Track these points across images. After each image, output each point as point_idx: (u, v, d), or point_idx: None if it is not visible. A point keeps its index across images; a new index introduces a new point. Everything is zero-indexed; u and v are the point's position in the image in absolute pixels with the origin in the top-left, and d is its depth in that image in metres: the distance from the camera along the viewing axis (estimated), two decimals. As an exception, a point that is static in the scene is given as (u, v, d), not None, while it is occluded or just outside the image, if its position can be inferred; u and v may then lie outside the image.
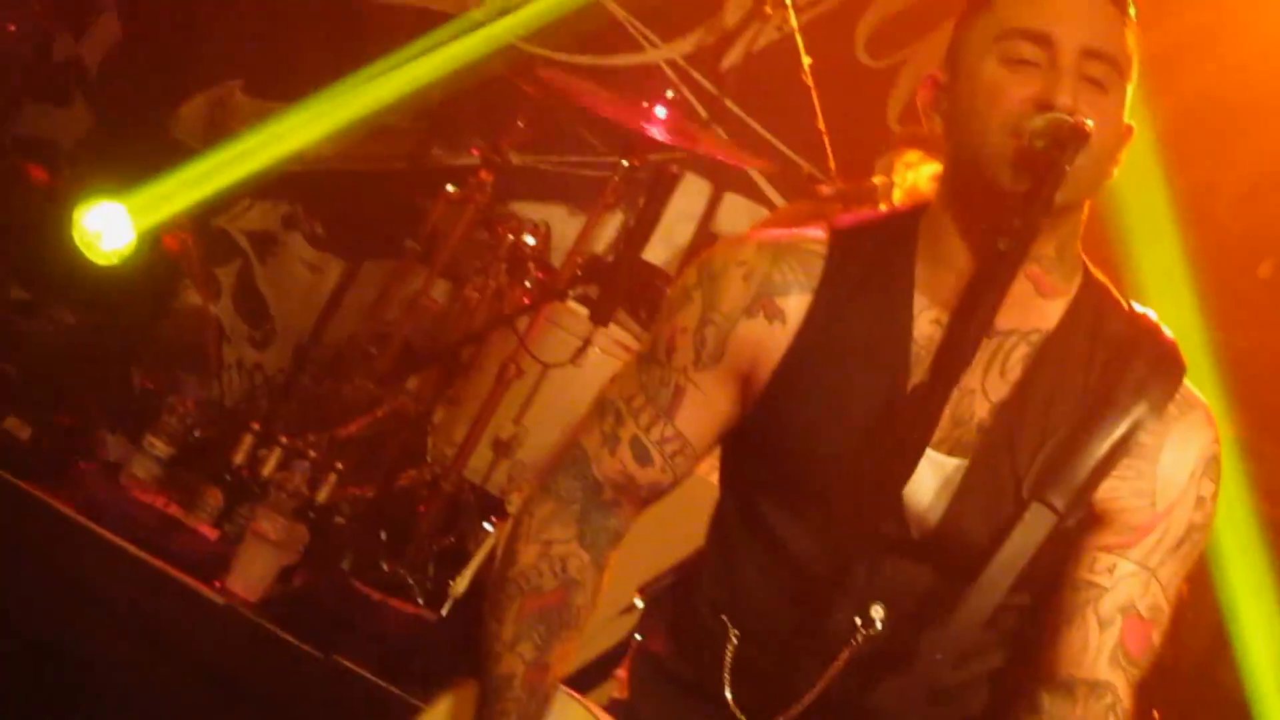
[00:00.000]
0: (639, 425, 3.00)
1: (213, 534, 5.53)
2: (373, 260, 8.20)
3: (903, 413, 2.76)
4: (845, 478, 2.81)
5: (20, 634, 5.10)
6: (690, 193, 8.18)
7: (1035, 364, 2.87)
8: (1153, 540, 2.88)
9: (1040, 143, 2.69)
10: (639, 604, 3.21)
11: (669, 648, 3.12)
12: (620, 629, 3.22)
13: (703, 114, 7.87)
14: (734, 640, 2.99)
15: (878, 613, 2.85)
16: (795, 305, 2.93)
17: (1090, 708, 2.85)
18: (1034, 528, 2.80)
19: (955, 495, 2.84)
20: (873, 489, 2.71)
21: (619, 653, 3.18)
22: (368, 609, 5.39)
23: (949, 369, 2.66)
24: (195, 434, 6.33)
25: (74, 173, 7.65)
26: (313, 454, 5.96)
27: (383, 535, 6.23)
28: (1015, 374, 2.87)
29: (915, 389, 2.78)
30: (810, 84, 7.44)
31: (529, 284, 6.88)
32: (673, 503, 3.13)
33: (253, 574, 5.26)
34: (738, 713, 2.97)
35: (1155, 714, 4.96)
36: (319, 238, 8.79)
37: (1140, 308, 2.98)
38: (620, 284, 6.23)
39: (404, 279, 7.60)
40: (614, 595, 3.09)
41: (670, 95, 6.71)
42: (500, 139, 7.26)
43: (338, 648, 5.03)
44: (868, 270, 2.93)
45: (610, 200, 6.82)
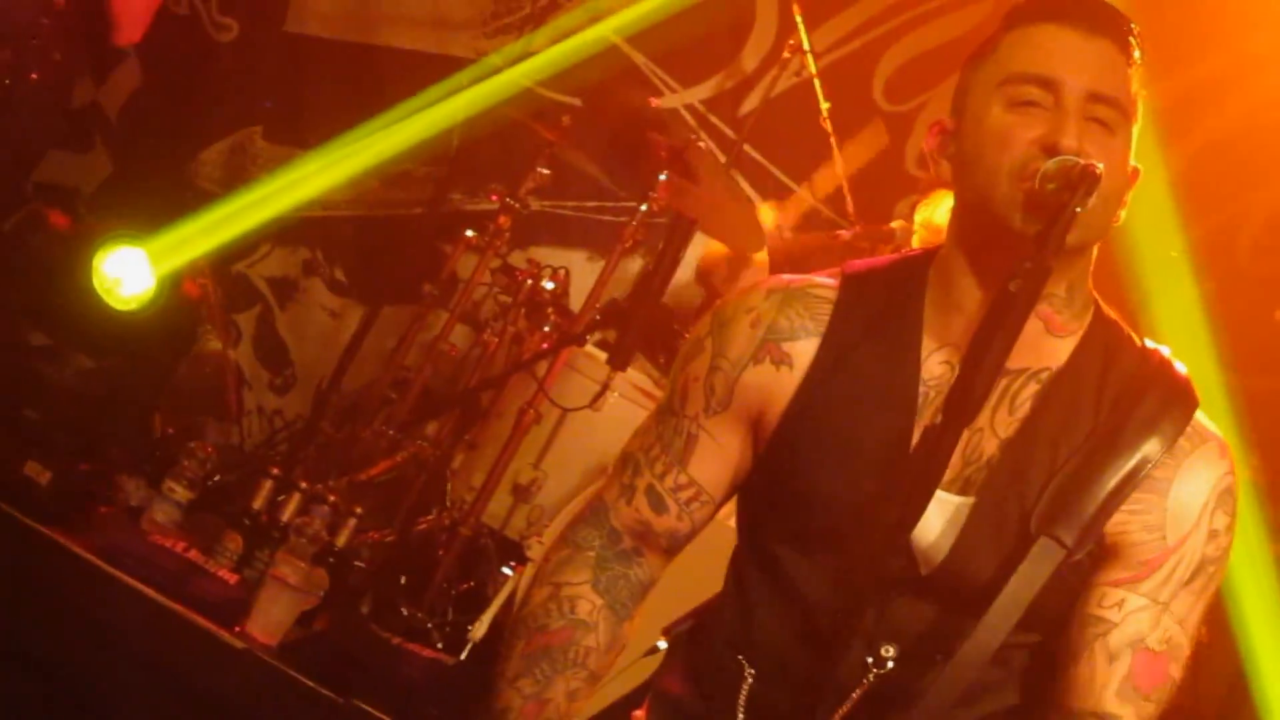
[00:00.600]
0: (654, 474, 3.04)
1: (232, 578, 5.52)
2: (392, 306, 8.21)
3: (913, 455, 2.77)
4: (854, 520, 2.83)
5: (41, 678, 5.09)
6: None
7: (1044, 401, 2.88)
8: (1163, 574, 2.88)
9: (1051, 185, 2.71)
10: (662, 646, 3.22)
11: (685, 687, 3.12)
12: (646, 670, 3.23)
13: (721, 158, 7.90)
14: (749, 679, 2.99)
15: (889, 652, 2.86)
16: (802, 350, 2.95)
17: None
18: (1041, 562, 2.80)
19: (962, 532, 2.85)
20: (882, 531, 2.70)
21: (642, 694, 3.19)
22: (387, 653, 5.38)
23: (961, 410, 2.66)
24: (215, 479, 6.34)
25: (94, 218, 7.67)
26: (332, 499, 5.96)
27: (402, 580, 6.23)
28: (1024, 411, 2.89)
29: (926, 431, 2.78)
30: (829, 128, 7.48)
31: (547, 329, 6.89)
32: (696, 547, 3.15)
33: (272, 618, 5.25)
34: (752, 750, 2.99)
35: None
36: (339, 283, 8.83)
37: (1152, 344, 2.99)
38: (638, 328, 6.23)
39: (423, 324, 7.62)
40: (639, 639, 3.10)
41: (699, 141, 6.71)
42: (519, 184, 7.28)
43: (357, 692, 5.02)
44: (877, 314, 2.95)
45: (629, 245, 6.83)
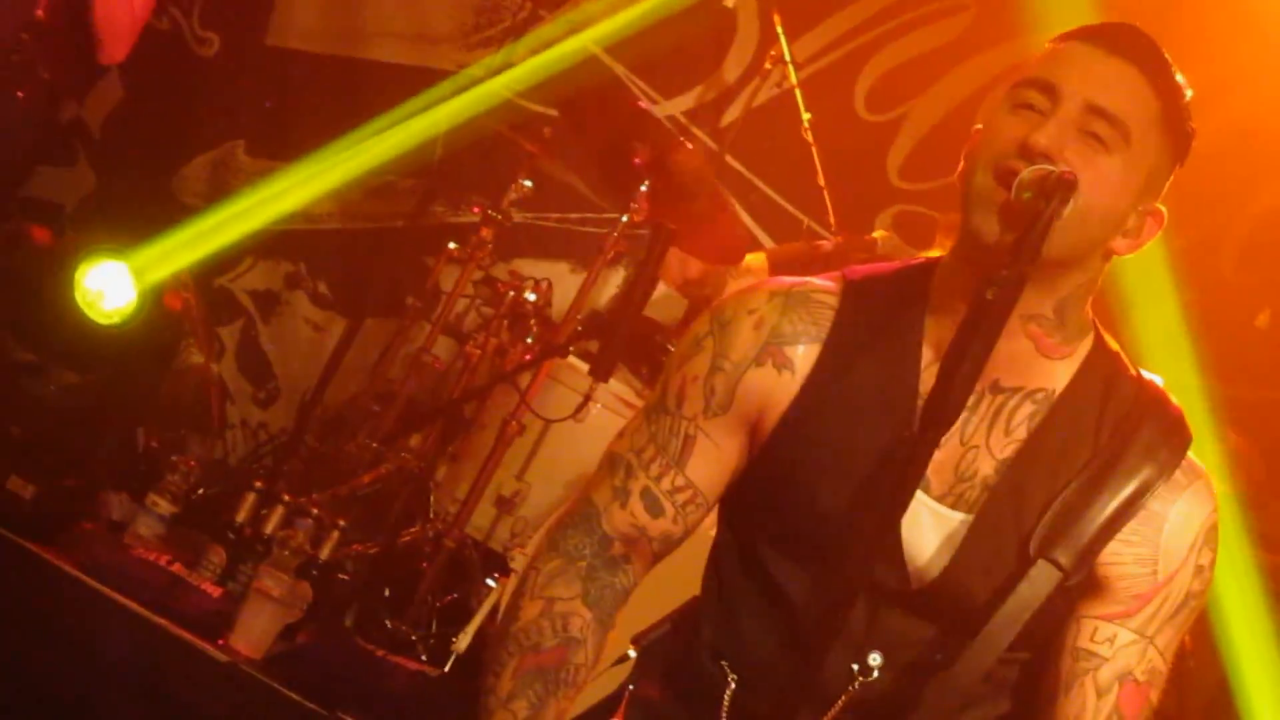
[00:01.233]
0: (649, 476, 3.01)
1: (216, 592, 5.51)
2: (375, 318, 8.21)
3: (893, 462, 2.75)
4: (845, 527, 2.82)
5: (24, 693, 5.08)
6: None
7: (1044, 424, 2.89)
8: (1152, 609, 2.89)
9: (1027, 194, 2.70)
10: (632, 654, 3.20)
11: (664, 694, 3.12)
12: (613, 680, 3.21)
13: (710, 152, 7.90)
14: (732, 685, 2.99)
15: (875, 660, 2.86)
16: (804, 355, 2.94)
17: None
18: (1038, 585, 2.81)
19: (958, 550, 2.86)
20: (866, 538, 2.70)
21: (612, 704, 3.17)
22: (371, 666, 5.37)
23: (937, 416, 2.63)
24: (198, 492, 6.33)
25: (76, 233, 7.66)
26: (316, 511, 5.95)
27: (386, 592, 6.22)
28: (1021, 432, 2.89)
29: (905, 438, 2.77)
30: (810, 139, 7.48)
31: (530, 340, 6.89)
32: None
33: (256, 631, 5.24)
34: (734, 757, 2.98)
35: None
36: (322, 296, 8.82)
37: (1148, 375, 2.99)
38: (620, 339, 6.22)
39: (406, 336, 7.62)
40: (609, 647, 3.08)
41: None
42: (501, 196, 7.27)
43: (341, 705, 5.01)
44: (878, 322, 2.94)
45: (611, 256, 6.82)
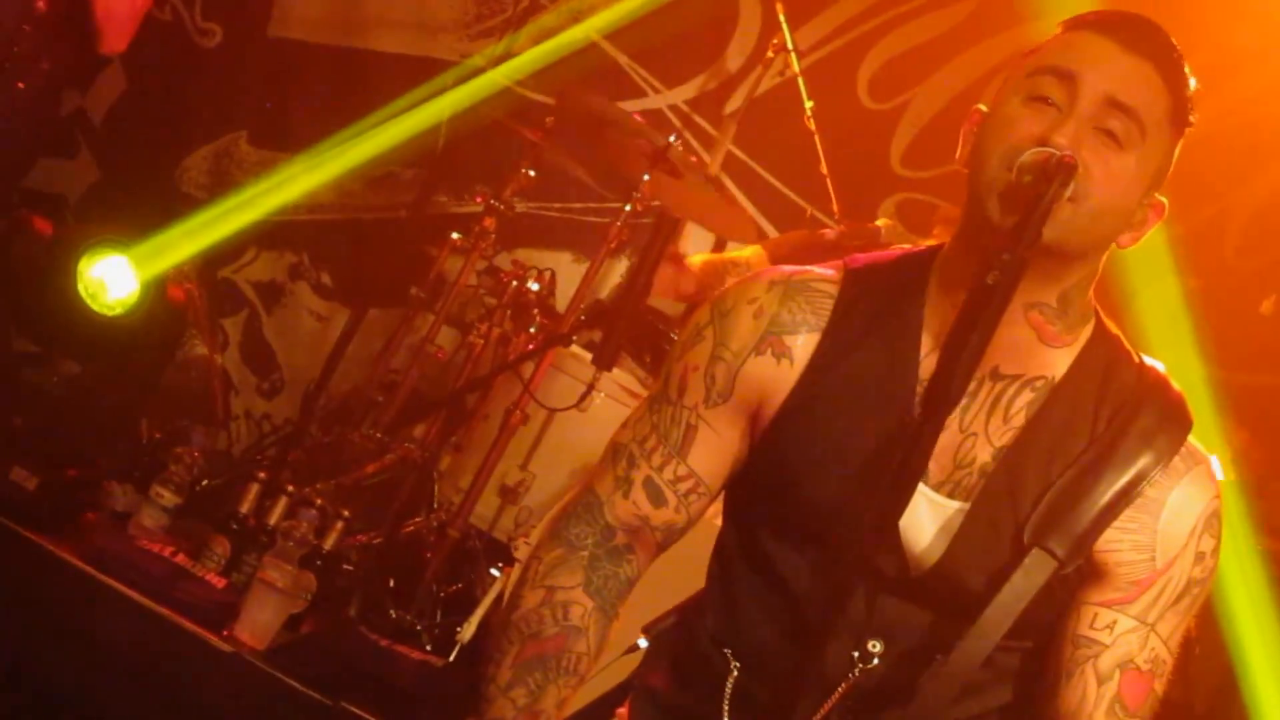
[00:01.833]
0: (651, 466, 3.01)
1: (220, 583, 5.51)
2: (379, 309, 8.20)
3: (894, 449, 2.74)
4: (845, 515, 2.82)
5: (28, 684, 5.09)
6: (694, 237, 8.19)
7: (1041, 411, 2.89)
8: (1152, 595, 2.89)
9: (1028, 177, 2.70)
10: (643, 644, 3.21)
11: (670, 682, 3.12)
12: (625, 669, 3.21)
13: (706, 158, 7.90)
14: (734, 672, 3.00)
15: (875, 648, 2.86)
16: (803, 344, 2.95)
17: None
18: (1034, 573, 2.81)
19: (955, 538, 2.86)
20: (868, 526, 2.69)
21: (622, 693, 3.17)
22: (375, 656, 5.36)
23: (938, 404, 2.63)
24: (202, 483, 6.32)
25: (79, 224, 7.66)
26: (319, 502, 5.95)
27: (390, 582, 6.22)
28: (1019, 420, 2.89)
29: (906, 425, 2.79)
30: (813, 127, 7.47)
31: (533, 330, 6.88)
32: (677, 544, 3.13)
33: (260, 622, 5.24)
34: (736, 743, 2.98)
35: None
36: (325, 287, 8.81)
37: (1150, 361, 2.99)
38: (623, 329, 6.22)
39: (410, 327, 7.61)
40: (619, 636, 3.09)
41: (674, 140, 6.68)
42: (504, 186, 7.27)
43: (345, 694, 5.01)
44: (878, 311, 2.94)
45: (614, 246, 6.81)
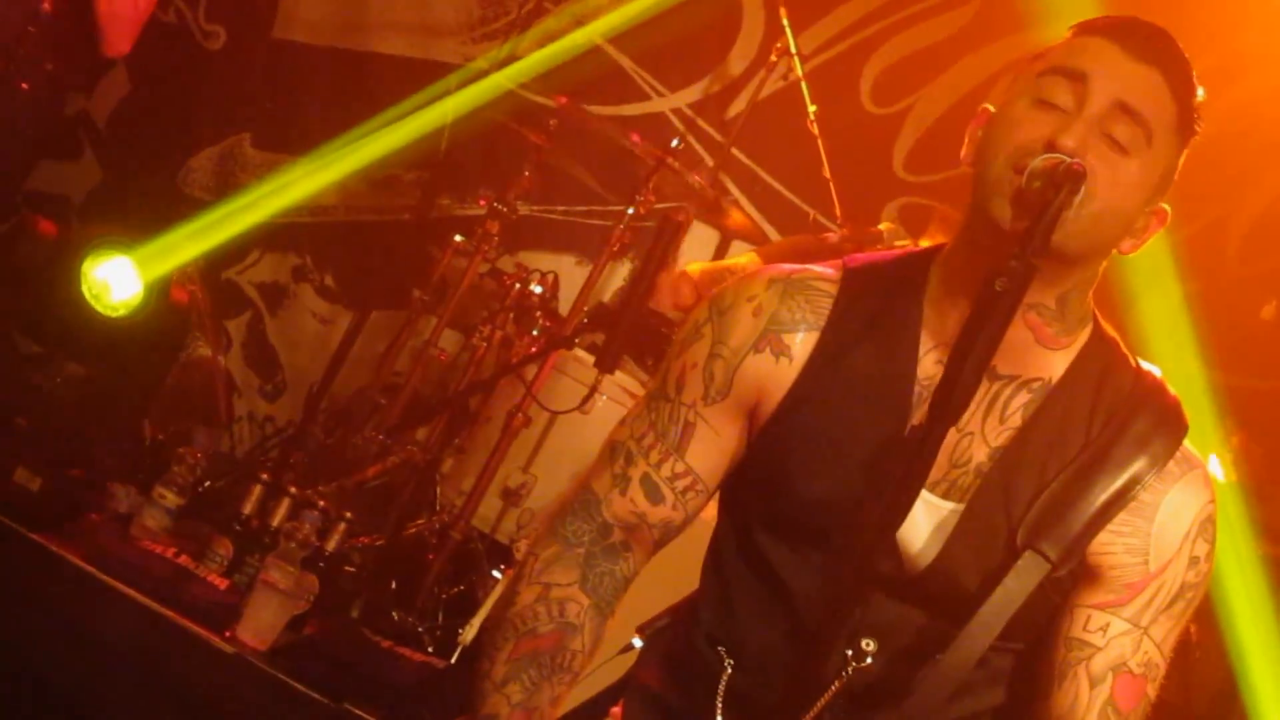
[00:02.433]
0: (649, 463, 3.02)
1: (222, 584, 5.51)
2: (381, 311, 8.20)
3: (900, 453, 2.75)
4: (842, 516, 2.83)
5: (30, 684, 5.09)
6: (697, 240, 8.20)
7: (1037, 413, 2.89)
8: (1144, 599, 2.89)
9: (1037, 183, 2.70)
10: (637, 643, 3.21)
11: (664, 680, 3.13)
12: (620, 668, 3.22)
13: (709, 161, 7.90)
14: (728, 670, 3.00)
15: (869, 646, 2.86)
16: (802, 343, 2.95)
17: None
18: (1026, 576, 2.81)
19: (949, 538, 2.86)
20: (869, 528, 2.69)
21: (616, 692, 3.18)
22: (377, 657, 5.37)
23: (945, 409, 2.62)
24: (205, 485, 6.33)
25: (83, 226, 7.67)
26: (322, 504, 5.96)
27: (392, 584, 6.23)
28: (1015, 421, 2.89)
29: (911, 430, 2.80)
30: (816, 131, 7.47)
31: (536, 333, 6.89)
32: (672, 545, 3.14)
33: (262, 623, 5.24)
34: (728, 741, 2.98)
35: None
36: (328, 289, 8.82)
37: (1146, 365, 2.99)
38: (626, 331, 6.22)
39: (413, 329, 7.61)
40: (614, 636, 3.09)
41: (677, 144, 6.69)
42: (507, 189, 7.27)
43: (347, 696, 5.01)
44: (876, 310, 2.95)
45: (617, 249, 6.82)
